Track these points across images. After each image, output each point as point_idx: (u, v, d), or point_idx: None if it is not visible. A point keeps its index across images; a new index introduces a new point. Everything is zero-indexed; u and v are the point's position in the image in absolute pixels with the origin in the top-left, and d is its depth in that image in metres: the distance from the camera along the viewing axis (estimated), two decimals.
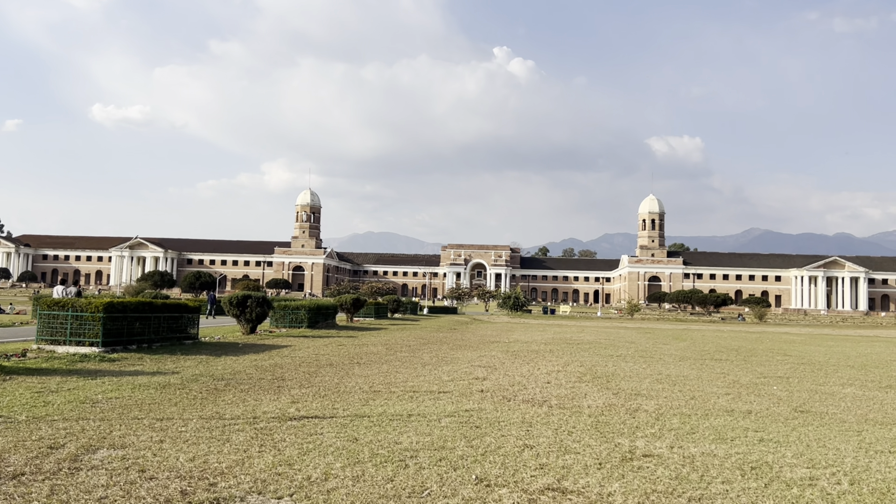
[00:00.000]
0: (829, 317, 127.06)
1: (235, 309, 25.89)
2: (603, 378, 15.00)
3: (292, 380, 12.92)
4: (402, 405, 10.28)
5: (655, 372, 16.97)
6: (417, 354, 20.14)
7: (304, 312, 31.99)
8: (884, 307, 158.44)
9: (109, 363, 14.56)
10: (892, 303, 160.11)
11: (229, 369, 14.22)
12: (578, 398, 11.58)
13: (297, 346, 21.72)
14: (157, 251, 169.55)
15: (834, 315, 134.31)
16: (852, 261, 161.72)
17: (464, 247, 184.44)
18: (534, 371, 16.03)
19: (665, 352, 25.01)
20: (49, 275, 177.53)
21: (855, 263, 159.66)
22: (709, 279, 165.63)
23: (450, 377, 14.20)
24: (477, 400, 10.99)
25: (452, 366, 16.81)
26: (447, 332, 35.02)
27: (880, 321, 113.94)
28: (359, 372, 14.77)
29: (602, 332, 42.54)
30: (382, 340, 25.92)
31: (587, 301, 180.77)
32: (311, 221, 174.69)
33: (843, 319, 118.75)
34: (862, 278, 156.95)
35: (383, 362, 17.26)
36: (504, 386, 12.91)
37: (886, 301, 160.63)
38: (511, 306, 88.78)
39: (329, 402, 10.43)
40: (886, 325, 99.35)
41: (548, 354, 21.62)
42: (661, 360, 21.14)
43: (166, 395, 10.41)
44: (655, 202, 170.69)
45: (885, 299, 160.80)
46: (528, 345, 26.34)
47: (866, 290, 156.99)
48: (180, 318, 20.52)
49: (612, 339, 32.84)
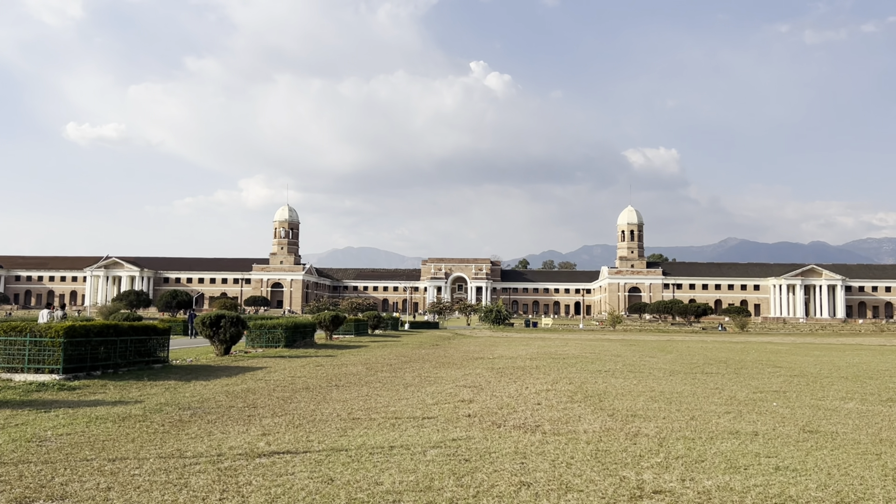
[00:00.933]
0: (807, 325, 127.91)
1: (208, 329, 24.87)
2: (595, 397, 14.26)
3: (265, 407, 12.03)
4: (384, 435, 9.44)
5: (648, 388, 16.27)
6: (399, 374, 19.28)
7: (281, 331, 30.97)
8: (861, 314, 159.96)
9: (69, 392, 13.56)
10: (868, 310, 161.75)
11: (197, 396, 13.28)
12: (573, 422, 10.81)
13: (272, 367, 20.77)
14: (132, 270, 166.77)
15: (813, 323, 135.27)
16: (829, 269, 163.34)
17: (444, 260, 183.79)
18: (522, 391, 15.25)
19: (653, 365, 24.37)
20: (22, 296, 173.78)
21: (832, 271, 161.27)
22: (688, 289, 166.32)
23: (434, 400, 13.37)
24: (464, 427, 10.18)
25: (436, 386, 15.98)
26: (429, 349, 34.16)
27: (859, 328, 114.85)
28: (337, 396, 13.90)
29: (586, 345, 41.91)
30: (362, 359, 25.02)
31: (568, 313, 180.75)
32: (289, 237, 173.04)
33: (822, 327, 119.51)
34: (839, 286, 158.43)
35: (363, 384, 16.40)
36: (492, 409, 12.10)
37: (863, 308, 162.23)
38: (493, 320, 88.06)
39: (303, 432, 9.57)
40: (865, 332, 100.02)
41: (534, 371, 20.86)
42: (650, 374, 20.47)
43: (124, 430, 9.49)
44: (634, 213, 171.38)
45: (862, 306, 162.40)
46: (514, 361, 25.58)
47: (843, 297, 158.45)
48: (148, 341, 19.49)
49: (597, 353, 32.18)
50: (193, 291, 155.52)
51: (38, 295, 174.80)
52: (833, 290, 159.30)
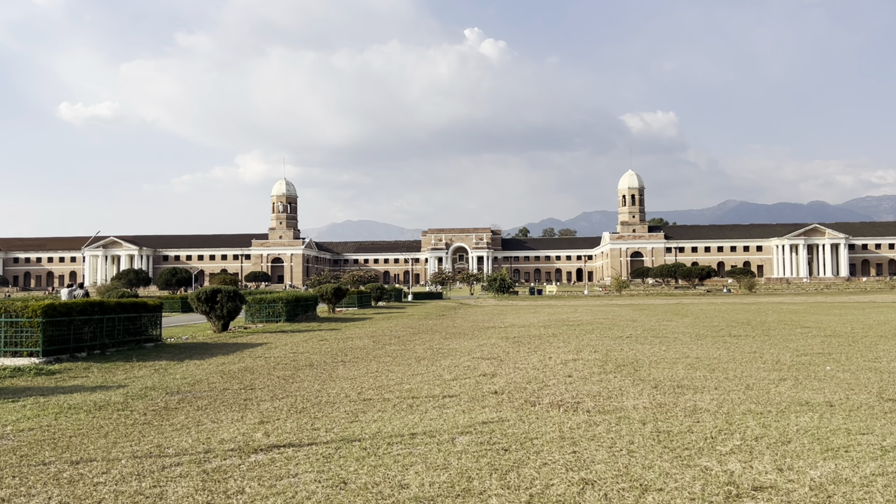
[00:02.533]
0: (812, 284, 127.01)
1: (204, 305, 23.51)
2: (628, 366, 12.92)
3: (263, 388, 10.68)
4: (402, 419, 8.10)
5: (681, 355, 14.94)
6: (409, 347, 17.96)
7: (282, 305, 29.65)
8: (864, 272, 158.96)
9: (46, 377, 12.21)
10: (872, 268, 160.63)
11: (189, 378, 11.93)
12: (616, 396, 9.46)
13: (273, 343, 19.44)
14: (131, 249, 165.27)
15: (817, 282, 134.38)
16: (832, 227, 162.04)
17: (444, 231, 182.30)
18: (546, 361, 13.90)
19: (674, 329, 23.06)
20: (21, 278, 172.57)
21: (834, 230, 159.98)
22: (691, 252, 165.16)
23: (452, 374, 12.02)
24: (493, 406, 8.82)
25: (451, 359, 14.64)
26: (436, 319, 32.87)
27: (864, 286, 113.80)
28: (344, 373, 12.56)
29: (596, 310, 40.63)
30: (368, 332, 23.70)
31: (570, 280, 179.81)
32: (287, 212, 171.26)
33: (826, 286, 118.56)
34: (842, 244, 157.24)
35: (371, 359, 15.06)
36: (520, 383, 10.75)
37: (867, 266, 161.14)
38: (497, 289, 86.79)
39: (308, 418, 8.22)
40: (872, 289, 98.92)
41: (552, 339, 19.53)
42: (676, 339, 19.15)
43: (98, 421, 8.13)
44: (635, 177, 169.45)
45: (866, 264, 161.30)
46: (527, 329, 24.27)
47: (847, 255, 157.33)
48: (138, 319, 18.12)
49: (611, 319, 30.89)
50: (193, 269, 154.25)
51: (37, 276, 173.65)
52: (836, 248, 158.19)
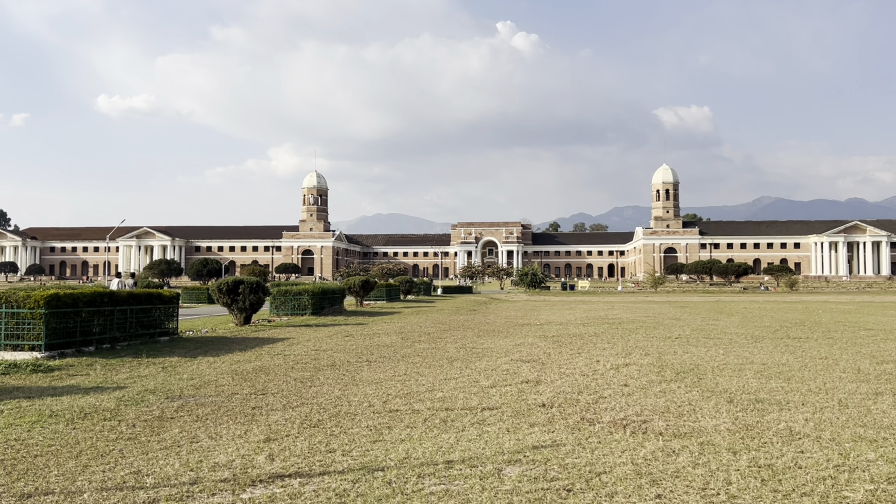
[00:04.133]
0: (852, 283, 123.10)
1: (226, 297, 22.43)
2: (689, 373, 11.41)
3: (277, 394, 9.41)
4: (434, 439, 6.74)
5: (743, 360, 13.37)
6: (440, 345, 16.61)
7: (308, 298, 28.52)
8: None
9: (42, 375, 11.10)
10: None
11: (196, 379, 10.72)
12: (688, 413, 7.98)
13: (295, 338, 18.25)
14: (164, 240, 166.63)
15: (857, 281, 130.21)
16: (873, 224, 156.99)
17: (474, 225, 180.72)
18: (594, 365, 12.44)
19: (725, 330, 21.38)
20: (57, 267, 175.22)
21: (876, 227, 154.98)
22: (726, 249, 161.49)
23: (489, 380, 10.64)
24: (543, 424, 7.42)
25: (487, 361, 13.24)
26: (467, 315, 31.49)
27: None
28: (368, 376, 11.25)
29: (634, 308, 38.91)
30: (396, 328, 22.42)
31: (601, 275, 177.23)
32: (318, 204, 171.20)
33: (868, 285, 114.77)
34: (884, 242, 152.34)
35: (399, 358, 13.74)
36: (569, 393, 9.32)
37: None
38: (528, 283, 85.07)
39: (322, 436, 6.91)
40: None
41: (595, 340, 18.02)
42: (732, 341, 17.52)
43: (77, 435, 6.91)
44: (669, 172, 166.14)
45: None
46: (565, 327, 22.76)
47: (889, 254, 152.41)
48: (153, 311, 17.04)
49: (652, 317, 29.22)
50: (224, 260, 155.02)
51: (72, 266, 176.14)
52: (878, 246, 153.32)
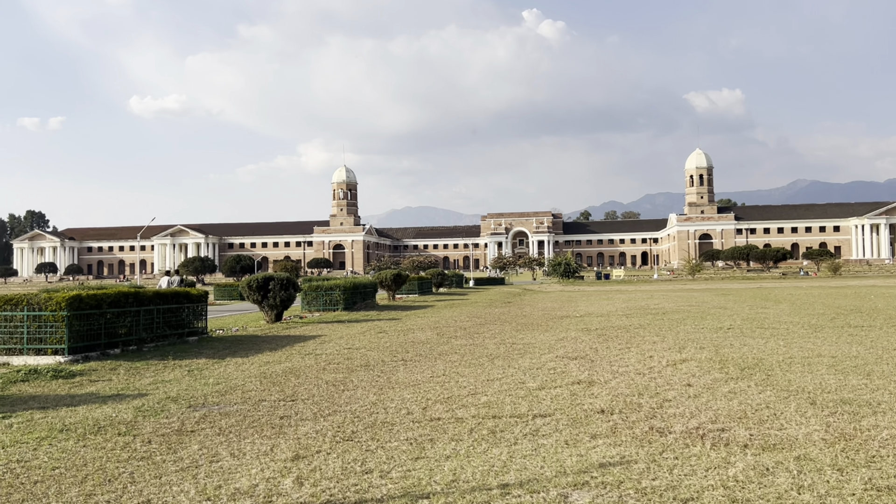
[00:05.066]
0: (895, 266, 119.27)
1: (256, 294, 21.87)
2: (755, 369, 10.42)
3: (307, 400, 8.66)
4: (483, 456, 5.92)
5: (810, 353, 12.31)
6: (478, 341, 15.78)
7: (339, 293, 27.92)
8: None
9: (63, 381, 10.53)
10: None
11: (223, 384, 10.05)
12: (770, 419, 7.04)
13: (327, 336, 17.57)
14: (197, 237, 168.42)
15: None
16: None
17: (504, 215, 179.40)
18: (648, 362, 11.49)
19: (779, 319, 20.19)
20: (95, 267, 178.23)
21: None
22: (762, 234, 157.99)
23: (537, 381, 9.78)
24: (606, 434, 6.55)
25: (531, 358, 12.37)
26: (503, 307, 30.61)
27: None
28: (405, 377, 10.47)
29: (675, 296, 37.63)
30: (431, 322, 21.64)
31: (634, 263, 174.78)
32: (347, 199, 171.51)
33: None
34: None
35: (436, 357, 12.94)
36: (629, 396, 8.41)
37: None
38: (562, 273, 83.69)
39: (357, 452, 6.13)
40: None
41: (642, 332, 17.03)
42: (789, 331, 16.40)
43: (87, 454, 6.22)
44: (703, 156, 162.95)
45: None
46: (607, 319, 21.76)
47: None
48: (180, 310, 16.48)
49: (696, 305, 28.02)
50: (257, 256, 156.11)
51: (109, 265, 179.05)
52: None
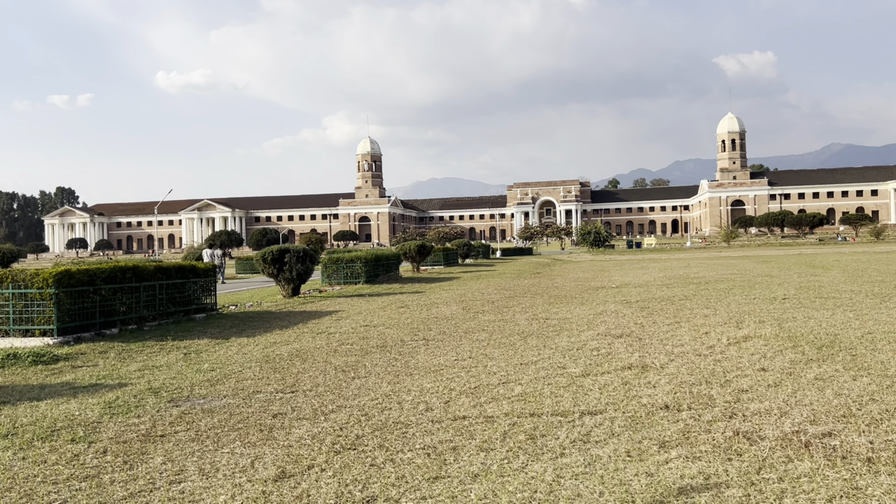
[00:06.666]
0: None
1: (271, 267, 20.67)
2: (834, 348, 8.88)
3: (310, 391, 7.37)
4: (522, 474, 4.56)
5: (889, 327, 10.70)
6: (507, 316, 14.39)
7: (361, 265, 26.68)
8: None
9: (42, 368, 9.37)
10: None
11: (217, 370, 8.80)
12: (881, 416, 5.55)
13: (345, 311, 16.32)
14: (224, 211, 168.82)
15: None
16: None
17: (530, 185, 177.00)
18: (705, 339, 10.00)
19: (836, 287, 18.49)
20: (124, 241, 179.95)
21: None
22: (797, 199, 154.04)
23: (579, 365, 8.37)
24: (678, 442, 5.13)
25: (568, 336, 10.95)
26: (532, 278, 29.15)
27: None
28: (425, 360, 9.13)
29: (714, 264, 35.82)
30: (456, 296, 20.28)
31: (665, 232, 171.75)
32: (372, 170, 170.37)
33: None
34: None
35: (462, 335, 11.59)
36: (695, 386, 6.95)
37: None
38: (592, 242, 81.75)
39: (360, 468, 4.81)
40: None
41: (689, 304, 15.49)
42: (853, 301, 14.75)
43: (20, 470, 4.97)
44: (735, 121, 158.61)
45: None
46: (647, 290, 20.21)
47: None
48: (186, 286, 15.31)
49: (739, 274, 26.31)
50: (283, 229, 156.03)
51: (138, 240, 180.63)
52: None
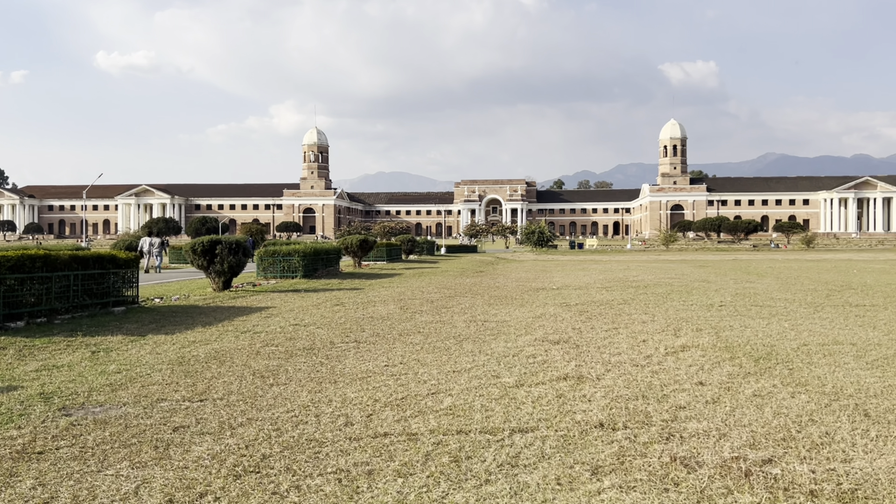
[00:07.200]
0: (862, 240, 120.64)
1: (201, 259, 19.74)
2: (770, 361, 8.74)
3: (220, 399, 6.76)
4: None
5: (823, 338, 10.70)
6: (445, 317, 13.97)
7: (299, 259, 25.88)
8: None
9: None
10: None
11: (123, 373, 8.08)
12: (822, 441, 5.31)
13: (276, 307, 15.63)
14: (163, 198, 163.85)
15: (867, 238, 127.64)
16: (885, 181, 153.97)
17: (478, 182, 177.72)
18: (643, 348, 9.77)
19: (770, 295, 18.71)
20: (56, 226, 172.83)
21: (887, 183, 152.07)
22: (733, 205, 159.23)
23: (513, 374, 7.99)
24: (612, 467, 4.76)
25: (505, 341, 10.58)
26: (474, 277, 28.85)
27: None
28: (353, 366, 8.61)
29: (653, 267, 36.24)
30: (395, 293, 19.78)
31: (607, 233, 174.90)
32: (318, 161, 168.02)
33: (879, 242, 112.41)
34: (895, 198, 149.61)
35: (395, 337, 11.10)
36: (631, 401, 6.63)
37: None
38: (535, 242, 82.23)
39: (260, 496, 4.25)
40: None
41: (627, 309, 15.35)
42: (788, 310, 14.85)
43: None
44: (677, 127, 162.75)
45: None
46: (586, 292, 20.10)
47: None
48: (105, 276, 14.37)
49: (677, 278, 26.55)
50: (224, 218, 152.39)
51: (71, 224, 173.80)
52: (888, 202, 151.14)
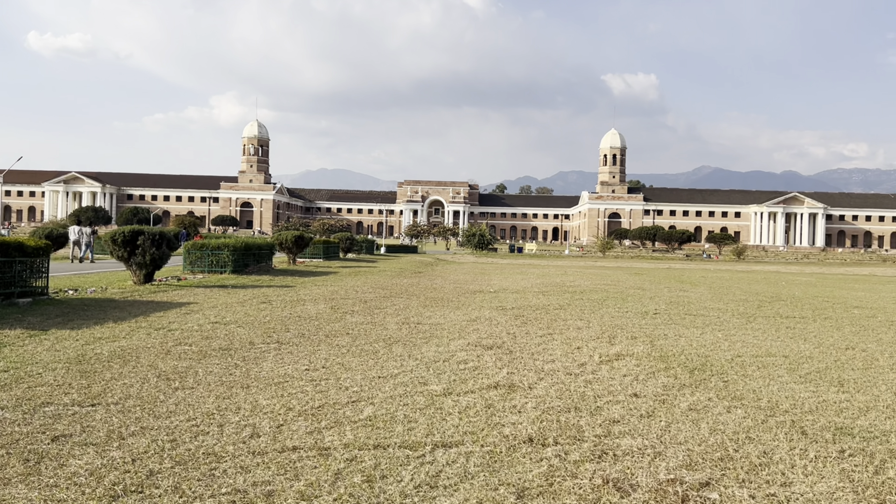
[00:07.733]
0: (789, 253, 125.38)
1: (121, 249, 18.65)
2: (705, 372, 8.57)
3: (115, 405, 6.09)
4: None
5: (756, 349, 10.66)
6: (377, 318, 13.45)
7: (228, 253, 24.91)
8: (839, 243, 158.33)
9: None
10: (847, 239, 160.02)
11: (13, 371, 7.23)
12: (760, 463, 5.04)
13: (199, 304, 14.80)
14: (94, 186, 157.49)
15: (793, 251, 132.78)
16: (811, 197, 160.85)
17: (421, 183, 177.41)
18: (577, 356, 9.48)
19: (703, 304, 18.86)
20: None
21: (813, 199, 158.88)
22: (669, 216, 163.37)
23: (442, 382, 7.55)
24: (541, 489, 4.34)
25: (437, 346, 10.14)
26: (412, 277, 28.38)
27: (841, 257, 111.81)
28: (270, 369, 8.03)
29: (589, 273, 36.49)
30: (328, 292, 19.12)
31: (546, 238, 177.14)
32: (258, 155, 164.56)
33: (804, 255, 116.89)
34: (820, 214, 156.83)
35: (321, 339, 10.54)
36: (563, 413, 6.28)
37: (842, 237, 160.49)
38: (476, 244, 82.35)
39: None
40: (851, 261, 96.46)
41: (563, 315, 15.14)
42: (721, 320, 14.91)
43: None
44: (618, 137, 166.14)
45: (841, 235, 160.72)
46: (523, 296, 19.88)
47: (824, 226, 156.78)
48: (10, 266, 13.31)
49: (612, 285, 26.68)
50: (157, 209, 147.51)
51: None
52: (814, 218, 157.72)
